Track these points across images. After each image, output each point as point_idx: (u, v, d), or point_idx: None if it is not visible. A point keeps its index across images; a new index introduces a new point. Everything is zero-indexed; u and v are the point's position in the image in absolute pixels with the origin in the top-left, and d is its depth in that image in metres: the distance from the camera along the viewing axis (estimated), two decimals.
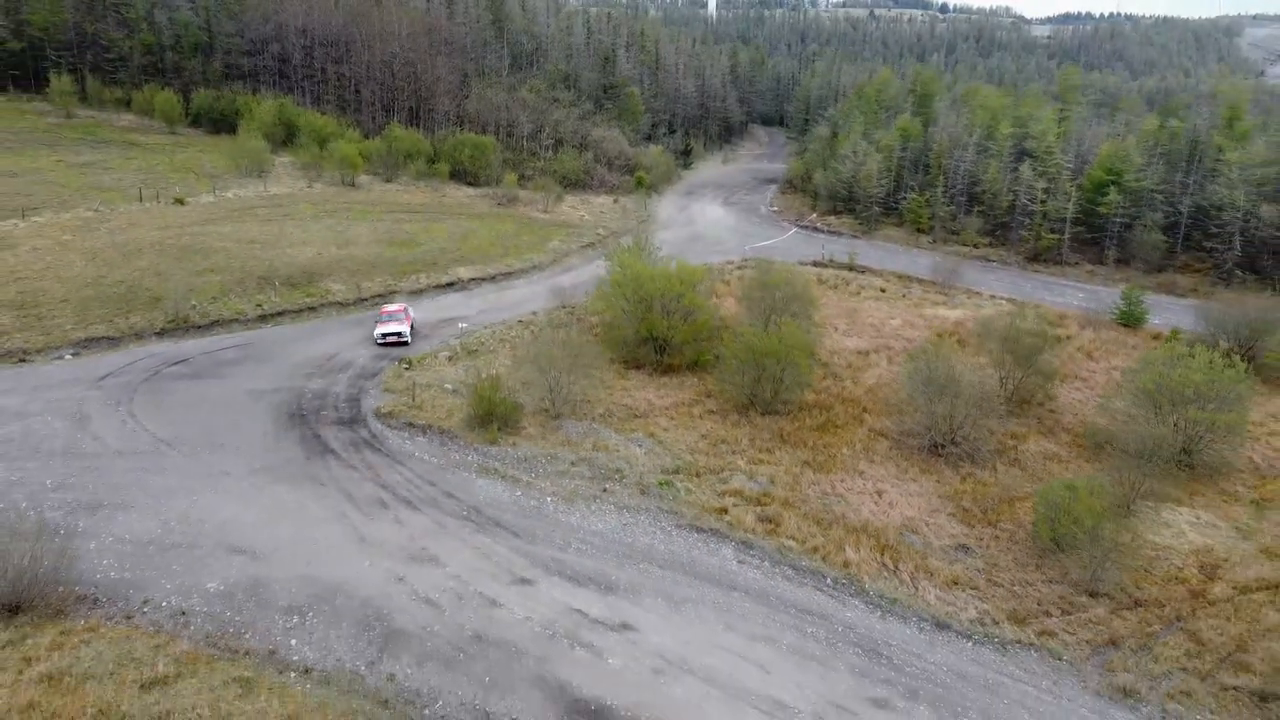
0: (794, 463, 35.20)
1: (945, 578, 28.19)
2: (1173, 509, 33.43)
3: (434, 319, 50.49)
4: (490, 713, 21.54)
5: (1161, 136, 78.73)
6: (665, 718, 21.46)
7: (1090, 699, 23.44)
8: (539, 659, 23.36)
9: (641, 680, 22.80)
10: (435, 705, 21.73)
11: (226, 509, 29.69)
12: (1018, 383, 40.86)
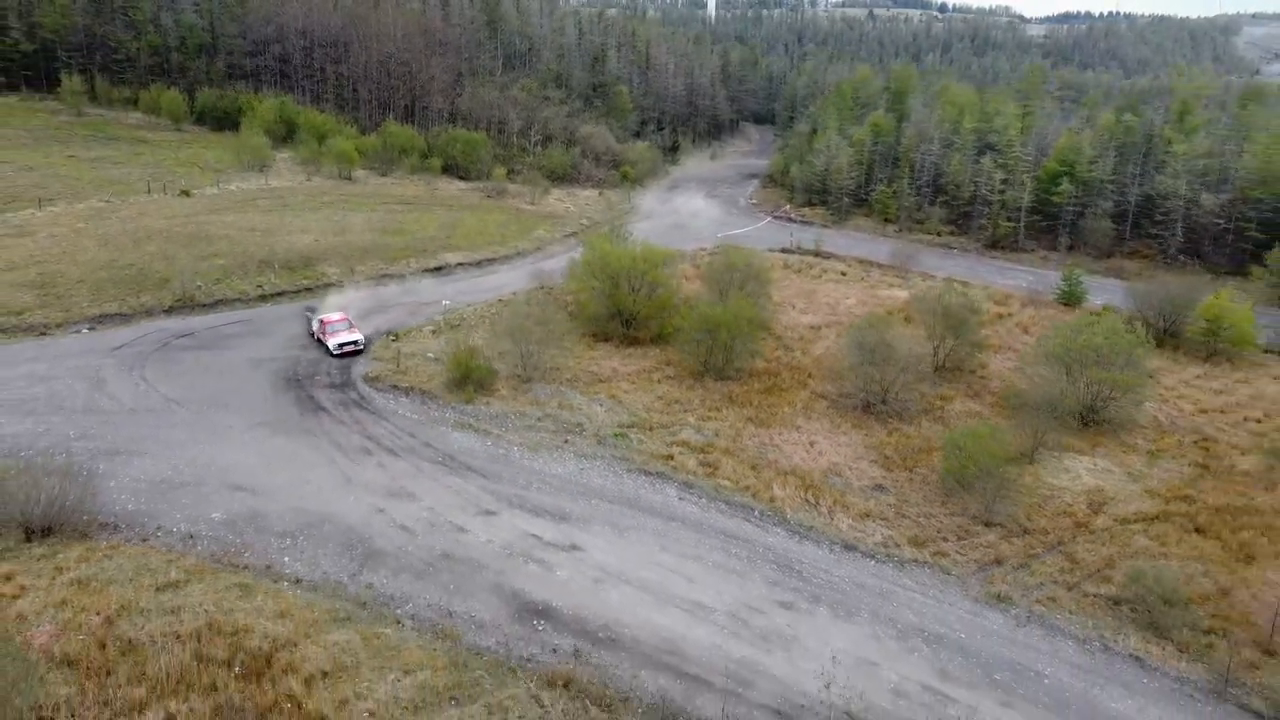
0: (739, 419, 38.87)
1: (859, 511, 31.86)
2: (1074, 457, 37.06)
3: (421, 300, 54.10)
4: (453, 612, 25.20)
5: (1117, 130, 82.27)
6: (600, 616, 25.11)
7: (969, 604, 27.11)
8: (497, 571, 27.03)
9: (583, 588, 26.47)
10: (406, 607, 25.38)
11: (229, 456, 33.36)
12: (949, 351, 44.46)
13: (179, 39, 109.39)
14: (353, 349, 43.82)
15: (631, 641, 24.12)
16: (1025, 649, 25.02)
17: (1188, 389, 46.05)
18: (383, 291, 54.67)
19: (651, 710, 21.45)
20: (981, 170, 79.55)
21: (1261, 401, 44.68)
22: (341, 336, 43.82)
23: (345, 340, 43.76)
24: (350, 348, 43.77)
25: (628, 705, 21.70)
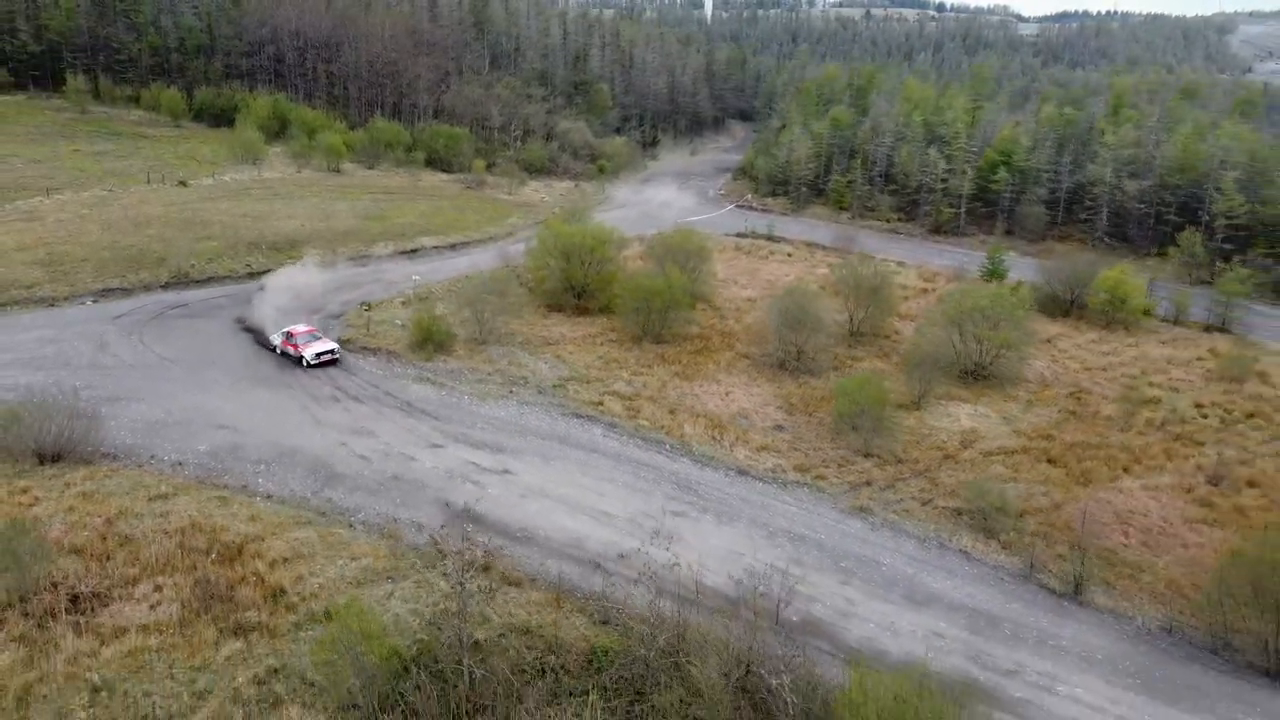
0: (666, 374, 43.51)
1: (757, 445, 36.51)
2: (959, 405, 41.70)
3: (394, 277, 58.65)
4: (398, 519, 29.76)
5: (1058, 122, 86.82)
6: (520, 522, 29.72)
7: (834, 514, 31.74)
8: (438, 489, 31.63)
9: (510, 502, 31.08)
10: (358, 515, 29.98)
11: (214, 403, 37.98)
12: (863, 318, 49.10)
13: (178, 40, 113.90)
14: (330, 358, 42.91)
15: (544, 539, 28.75)
16: (873, 546, 29.66)
17: (1080, 351, 50.71)
18: (361, 270, 59.25)
19: (551, 585, 26.07)
20: (928, 161, 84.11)
21: (1142, 361, 49.36)
22: (317, 346, 43.01)
23: (323, 350, 42.90)
24: (328, 357, 42.84)
25: (534, 583, 26.32)
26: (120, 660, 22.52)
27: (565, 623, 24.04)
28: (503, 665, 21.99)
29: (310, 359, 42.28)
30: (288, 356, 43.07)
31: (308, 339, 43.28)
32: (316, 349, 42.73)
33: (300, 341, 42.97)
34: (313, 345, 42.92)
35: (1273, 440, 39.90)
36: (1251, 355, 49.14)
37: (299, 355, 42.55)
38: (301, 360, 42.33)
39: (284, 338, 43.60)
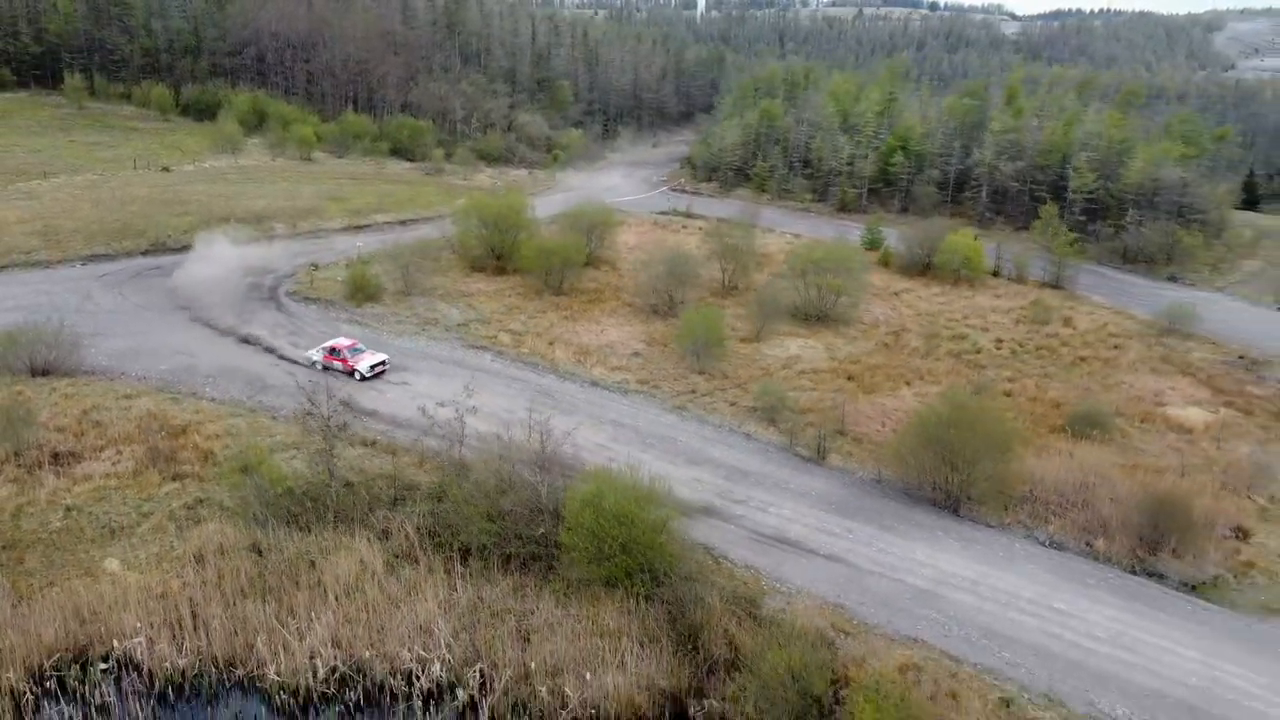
0: (557, 317, 51.28)
1: (613, 366, 44.30)
2: (794, 339, 49.50)
3: (345, 246, 66.17)
4: (311, 412, 37.40)
5: (958, 111, 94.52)
6: (407, 414, 37.31)
7: (656, 411, 39.53)
8: (347, 394, 39.21)
9: (402, 402, 38.73)
10: (281, 411, 37.62)
11: (178, 338, 45.60)
12: (731, 273, 56.93)
13: (168, 42, 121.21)
14: (383, 368, 41.72)
15: (421, 425, 36.52)
16: (677, 430, 37.48)
17: (921, 301, 58.55)
18: (316, 240, 66.78)
19: (413, 449, 33.84)
20: (838, 147, 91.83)
21: (970, 309, 57.23)
22: (369, 358, 41.53)
23: (375, 361, 41.54)
24: (381, 367, 41.66)
25: (407, 451, 34.08)
26: (87, 493, 30.38)
27: (414, 472, 31.92)
28: (363, 492, 29.88)
29: (365, 372, 40.86)
30: (332, 371, 41.37)
31: (354, 352, 41.79)
32: (369, 361, 41.35)
33: (348, 355, 41.50)
34: (364, 358, 41.51)
35: (1043, 365, 47.88)
36: (1056, 304, 57.14)
37: (350, 369, 41.09)
38: (354, 374, 40.98)
39: (326, 353, 41.98)
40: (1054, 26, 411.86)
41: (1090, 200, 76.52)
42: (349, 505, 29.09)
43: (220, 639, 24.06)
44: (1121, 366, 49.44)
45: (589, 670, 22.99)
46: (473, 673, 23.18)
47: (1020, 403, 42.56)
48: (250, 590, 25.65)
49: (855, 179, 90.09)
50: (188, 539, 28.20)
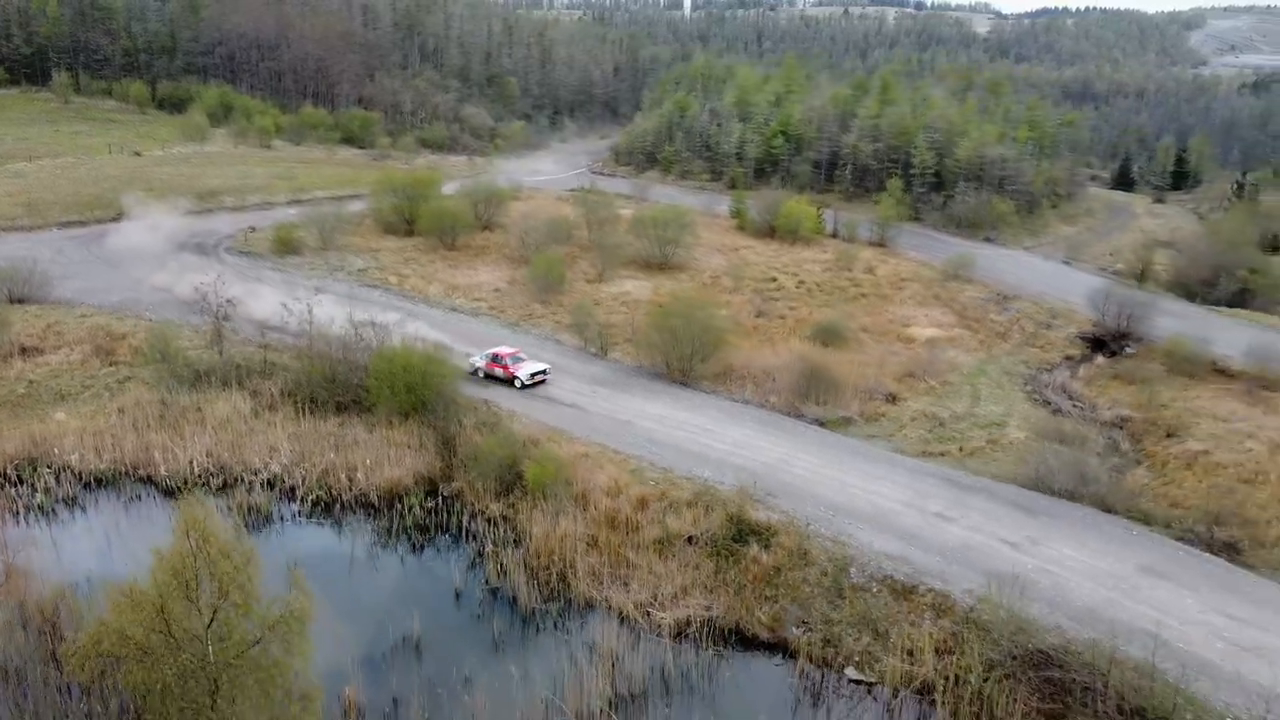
0: (443, 266, 61.32)
1: (474, 297, 54.41)
2: (632, 280, 59.62)
3: (282, 216, 75.90)
4: (224, 329, 47.38)
5: (840, 100, 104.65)
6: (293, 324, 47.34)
7: (499, 328, 49.58)
8: (263, 319, 49.08)
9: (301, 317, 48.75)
10: (202, 328, 47.60)
11: (130, 278, 55.43)
12: (594, 230, 67.14)
13: (146, 42, 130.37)
14: (543, 378, 40.66)
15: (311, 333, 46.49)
16: (507, 338, 47.61)
17: (754, 255, 68.74)
18: (261, 211, 76.52)
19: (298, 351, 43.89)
20: (731, 132, 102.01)
21: (792, 260, 67.49)
22: (529, 366, 40.78)
23: (536, 370, 40.67)
24: (541, 376, 40.61)
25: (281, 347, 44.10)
26: (45, 373, 40.41)
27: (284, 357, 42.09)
28: (243, 367, 40.02)
29: (525, 380, 39.98)
30: (495, 379, 40.70)
31: (515, 360, 41.13)
32: (530, 369, 40.53)
33: (510, 363, 40.80)
34: (524, 366, 40.75)
35: (826, 298, 58.27)
36: (868, 257, 67.63)
37: (511, 376, 40.26)
38: (514, 381, 40.15)
39: (489, 360, 41.39)
40: (1024, 25, 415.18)
41: (932, 175, 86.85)
42: (231, 375, 39.24)
43: (129, 452, 34.10)
44: (894, 300, 59.89)
45: (376, 466, 33.20)
46: (298, 469, 33.34)
47: (789, 321, 52.95)
48: (154, 425, 35.70)
49: (744, 160, 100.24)
50: (115, 399, 38.26)
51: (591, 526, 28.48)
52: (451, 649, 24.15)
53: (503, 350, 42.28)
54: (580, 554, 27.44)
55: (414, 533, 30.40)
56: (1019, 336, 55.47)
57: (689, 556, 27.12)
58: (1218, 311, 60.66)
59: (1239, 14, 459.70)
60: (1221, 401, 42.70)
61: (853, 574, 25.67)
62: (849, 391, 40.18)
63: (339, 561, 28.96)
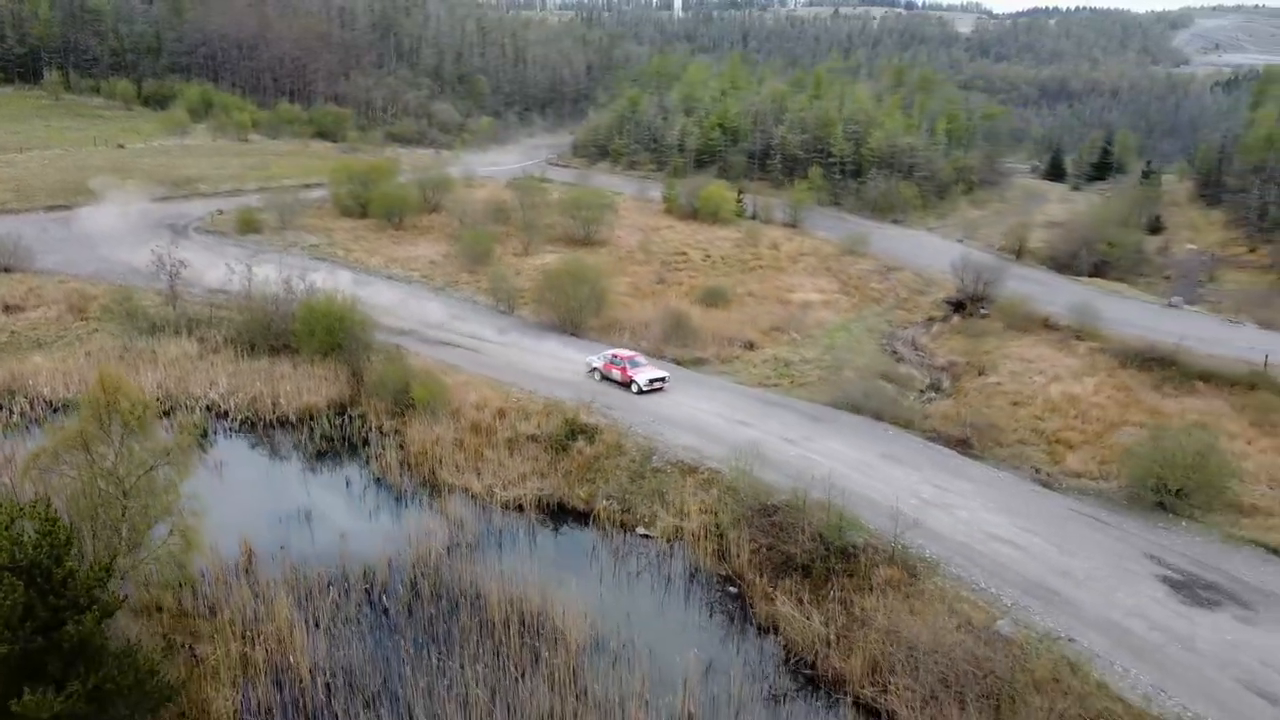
0: (388, 243, 67.38)
1: (410, 268, 60.50)
2: (555, 252, 65.75)
3: (251, 201, 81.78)
4: (179, 287, 53.38)
5: (776, 96, 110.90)
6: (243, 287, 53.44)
7: (426, 291, 55.66)
8: (214, 280, 55.18)
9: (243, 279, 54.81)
10: (163, 287, 53.62)
11: (103, 253, 61.41)
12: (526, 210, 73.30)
13: (132, 43, 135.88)
14: (661, 385, 38.76)
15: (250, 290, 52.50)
16: (432, 299, 53.67)
17: (673, 233, 75.00)
18: (231, 198, 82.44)
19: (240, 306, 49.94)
20: (674, 125, 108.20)
21: (706, 238, 73.72)
22: (649, 372, 39.16)
23: (655, 376, 38.88)
24: (660, 384, 38.74)
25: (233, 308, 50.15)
26: (25, 325, 46.40)
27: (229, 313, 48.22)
28: (194, 318, 46.12)
29: (643, 385, 38.28)
30: (610, 381, 39.24)
31: (634, 364, 39.44)
32: (649, 375, 38.87)
33: (627, 365, 39.24)
34: (642, 371, 39.09)
35: (727, 269, 64.53)
36: (776, 235, 73.87)
37: (627, 380, 38.68)
38: (631, 385, 38.47)
39: (608, 360, 39.92)
40: (1006, 25, 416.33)
41: (850, 163, 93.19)
42: (183, 325, 45.38)
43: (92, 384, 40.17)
44: (788, 271, 66.26)
45: (296, 394, 39.37)
46: (232, 397, 39.45)
47: (685, 286, 59.23)
48: (115, 364, 41.80)
49: (685, 151, 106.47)
50: (84, 345, 44.30)
51: (460, 432, 34.69)
52: (335, 517, 30.33)
53: (621, 352, 40.31)
54: (448, 453, 33.67)
55: (321, 442, 36.55)
56: (892, 300, 61.91)
57: (531, 451, 33.40)
58: (1076, 280, 67.21)
59: (1228, 13, 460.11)
60: (1035, 348, 49.19)
61: (654, 460, 31.97)
62: (710, 339, 46.50)
63: (258, 461, 35.18)
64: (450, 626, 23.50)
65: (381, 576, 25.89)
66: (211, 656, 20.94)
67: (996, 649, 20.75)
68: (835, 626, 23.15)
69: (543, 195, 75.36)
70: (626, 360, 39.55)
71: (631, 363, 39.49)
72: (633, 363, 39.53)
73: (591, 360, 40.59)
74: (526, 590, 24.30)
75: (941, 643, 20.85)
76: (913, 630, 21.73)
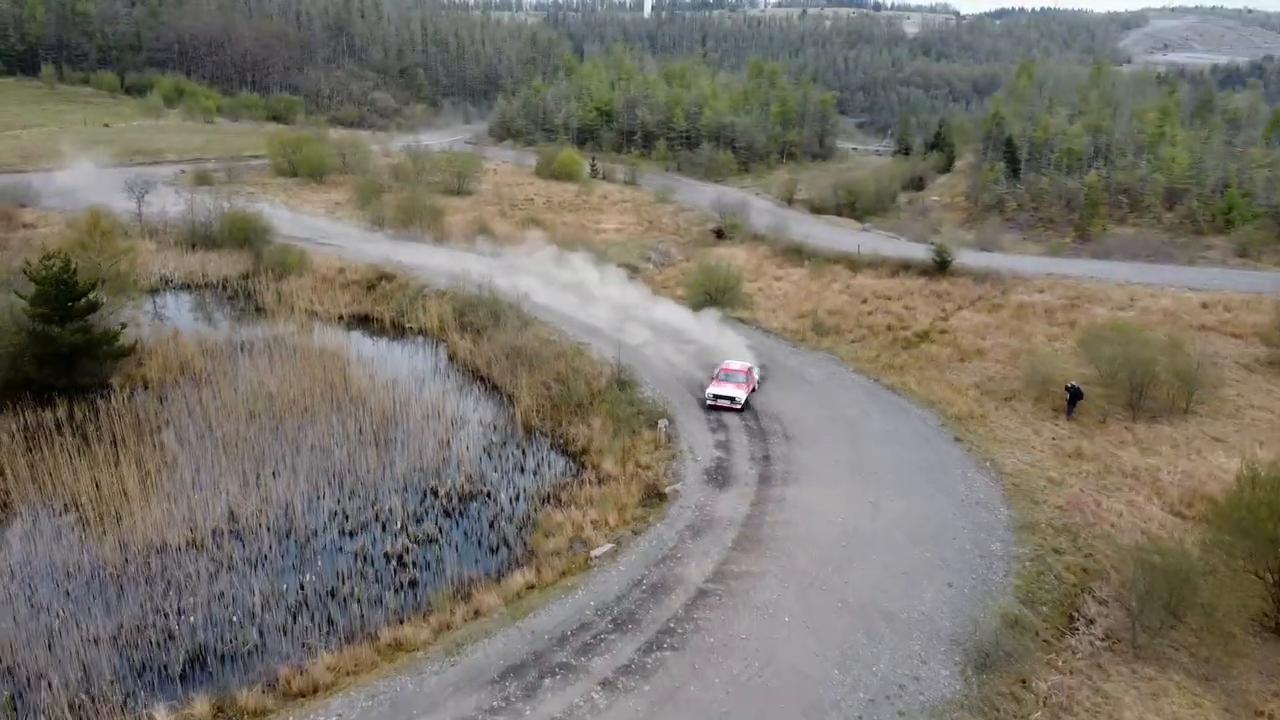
0: (310, 194, 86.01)
1: (320, 207, 79.34)
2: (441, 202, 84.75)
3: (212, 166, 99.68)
4: (142, 205, 71.79)
5: (647, 84, 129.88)
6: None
7: (356, 229, 74.63)
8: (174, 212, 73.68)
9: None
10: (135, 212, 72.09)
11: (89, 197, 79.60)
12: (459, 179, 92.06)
13: (116, 41, 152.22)
14: (728, 405, 34.88)
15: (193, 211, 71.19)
16: (330, 225, 72.58)
17: (530, 188, 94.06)
18: (194, 163, 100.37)
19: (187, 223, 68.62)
20: (561, 109, 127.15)
21: (553, 191, 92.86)
22: (722, 388, 35.50)
23: (722, 394, 35.18)
24: (725, 403, 34.98)
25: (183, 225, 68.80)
26: (38, 236, 64.98)
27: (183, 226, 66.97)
28: (155, 229, 64.87)
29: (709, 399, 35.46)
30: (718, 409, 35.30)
31: (728, 376, 36.18)
32: (721, 390, 35.40)
33: (720, 378, 36.21)
34: (718, 384, 35.89)
35: (553, 211, 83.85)
36: (610, 190, 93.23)
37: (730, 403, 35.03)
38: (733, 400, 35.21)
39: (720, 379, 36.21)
40: (950, 25, 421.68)
41: (688, 136, 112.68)
42: (146, 233, 64.03)
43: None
44: (604, 211, 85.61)
45: (218, 268, 58.24)
46: (177, 272, 58.27)
47: (518, 216, 78.42)
48: None
49: (569, 130, 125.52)
50: None
51: (313, 282, 53.93)
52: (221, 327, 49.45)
53: (733, 364, 37.04)
54: (304, 292, 52.85)
55: (229, 294, 55.55)
56: (672, 230, 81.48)
57: (354, 291, 52.75)
58: (818, 217, 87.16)
59: (1186, 14, 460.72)
60: (732, 248, 69.00)
61: (424, 290, 51.42)
62: (506, 242, 65.90)
63: (188, 304, 54.24)
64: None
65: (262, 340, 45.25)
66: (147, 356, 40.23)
67: (556, 346, 40.41)
68: (480, 346, 42.76)
69: (431, 160, 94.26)
70: (726, 371, 36.50)
71: (727, 374, 36.37)
72: (728, 374, 36.36)
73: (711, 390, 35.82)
74: (342, 351, 43.51)
75: (534, 348, 40.53)
76: (521, 340, 41.34)
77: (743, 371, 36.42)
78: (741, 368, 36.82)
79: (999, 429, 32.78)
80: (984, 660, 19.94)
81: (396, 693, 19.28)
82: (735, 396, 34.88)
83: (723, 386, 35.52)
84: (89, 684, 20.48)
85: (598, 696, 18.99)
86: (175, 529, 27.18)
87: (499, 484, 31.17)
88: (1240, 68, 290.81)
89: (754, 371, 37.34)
